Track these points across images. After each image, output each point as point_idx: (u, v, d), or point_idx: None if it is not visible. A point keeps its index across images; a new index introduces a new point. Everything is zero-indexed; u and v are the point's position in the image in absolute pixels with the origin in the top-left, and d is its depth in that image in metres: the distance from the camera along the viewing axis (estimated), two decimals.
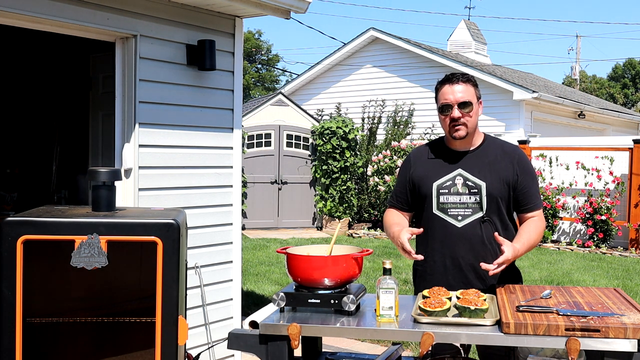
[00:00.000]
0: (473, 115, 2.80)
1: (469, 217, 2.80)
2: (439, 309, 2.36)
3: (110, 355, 2.48)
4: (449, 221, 2.82)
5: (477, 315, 2.33)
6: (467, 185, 2.80)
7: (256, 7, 4.32)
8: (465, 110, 2.78)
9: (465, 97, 2.79)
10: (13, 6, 3.35)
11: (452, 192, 2.82)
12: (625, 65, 40.43)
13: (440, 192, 2.84)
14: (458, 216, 2.81)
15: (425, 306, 2.38)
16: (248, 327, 2.53)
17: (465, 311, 2.34)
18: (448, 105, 2.80)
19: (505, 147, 2.91)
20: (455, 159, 2.87)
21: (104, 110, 5.22)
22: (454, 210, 2.81)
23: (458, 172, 2.83)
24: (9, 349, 2.08)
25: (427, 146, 3.02)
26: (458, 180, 2.82)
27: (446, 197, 2.83)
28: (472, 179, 2.81)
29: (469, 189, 2.80)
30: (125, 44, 3.98)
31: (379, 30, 16.15)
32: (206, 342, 4.36)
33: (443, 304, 2.38)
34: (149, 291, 2.20)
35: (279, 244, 11.15)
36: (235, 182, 4.64)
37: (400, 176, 3.03)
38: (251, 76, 37.24)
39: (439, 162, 2.90)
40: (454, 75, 2.87)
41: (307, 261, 2.55)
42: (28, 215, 2.17)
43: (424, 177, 2.89)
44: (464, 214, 2.80)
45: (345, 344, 5.21)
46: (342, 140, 13.48)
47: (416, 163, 2.96)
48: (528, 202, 2.84)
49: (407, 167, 2.99)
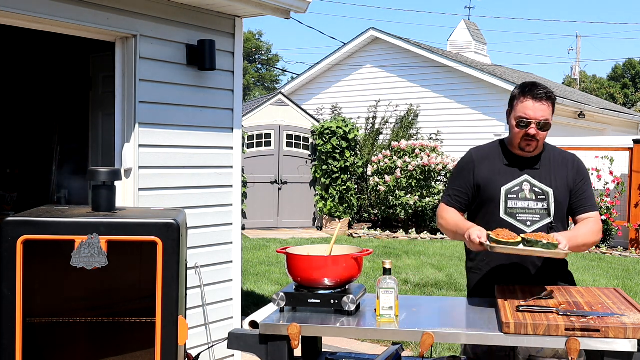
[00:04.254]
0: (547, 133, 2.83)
1: (538, 223, 2.82)
2: (512, 240, 2.46)
3: (110, 355, 2.48)
4: (517, 226, 2.81)
5: (549, 247, 2.43)
6: (535, 191, 2.83)
7: (256, 7, 4.32)
8: (542, 130, 2.79)
9: (546, 116, 2.79)
10: (13, 6, 3.35)
11: (520, 198, 2.83)
12: (625, 65, 40.42)
13: (509, 197, 2.84)
14: (527, 222, 2.82)
15: (497, 237, 2.46)
16: (248, 327, 2.53)
17: (537, 244, 2.44)
18: (527, 122, 2.78)
19: (564, 155, 2.96)
20: (521, 164, 2.88)
21: (104, 110, 5.22)
22: (522, 216, 2.82)
23: (525, 178, 2.85)
24: (9, 349, 2.08)
25: (488, 148, 3.01)
26: (525, 186, 2.84)
27: (514, 202, 2.83)
28: (539, 186, 2.84)
29: (536, 195, 2.83)
30: (125, 44, 3.98)
31: (379, 30, 16.15)
32: (206, 342, 4.36)
33: (514, 237, 2.49)
34: (149, 291, 2.19)
35: (279, 244, 11.15)
36: (235, 182, 4.64)
37: (461, 176, 2.96)
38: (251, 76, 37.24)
39: (504, 166, 2.89)
40: (538, 89, 2.81)
41: (307, 261, 2.55)
42: (28, 215, 2.17)
43: (491, 180, 2.87)
44: (532, 219, 2.82)
45: (345, 344, 5.21)
46: (342, 140, 13.48)
47: (480, 164, 2.92)
48: (584, 204, 2.88)
49: (470, 167, 2.95)
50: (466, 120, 14.79)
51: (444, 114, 15.09)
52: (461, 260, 9.85)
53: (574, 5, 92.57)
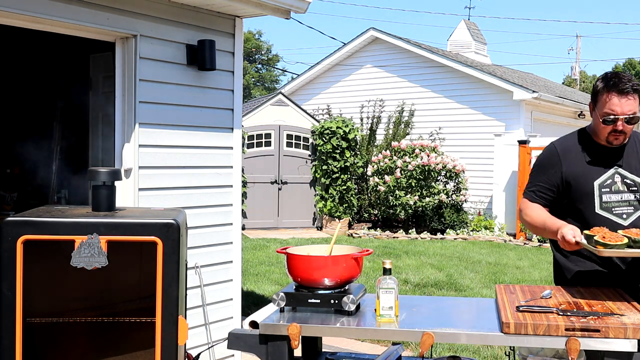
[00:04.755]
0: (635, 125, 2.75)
1: (633, 214, 2.77)
2: (619, 242, 2.40)
3: (110, 355, 2.48)
4: (615, 220, 2.75)
5: None
6: (626, 183, 2.77)
7: (256, 7, 4.32)
8: (629, 123, 2.71)
9: (634, 110, 2.69)
10: (13, 6, 3.35)
11: (613, 191, 2.77)
12: (625, 65, 40.43)
13: (603, 191, 2.77)
14: (623, 214, 2.76)
15: (603, 239, 2.41)
16: (248, 327, 2.53)
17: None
18: (614, 117, 2.70)
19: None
20: (609, 155, 2.80)
21: (104, 110, 5.22)
22: (618, 209, 2.77)
23: (615, 169, 2.78)
24: (9, 349, 2.08)
25: (571, 140, 2.93)
26: (617, 178, 2.78)
27: (609, 196, 2.77)
28: (630, 177, 2.77)
29: (628, 187, 2.77)
30: (125, 44, 3.98)
31: (379, 30, 16.15)
32: (206, 342, 4.36)
33: (621, 239, 2.43)
34: (149, 291, 2.19)
35: (279, 244, 11.15)
36: (235, 182, 4.64)
37: (545, 171, 2.88)
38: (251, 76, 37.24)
39: (592, 158, 2.81)
40: (624, 82, 2.69)
41: (307, 261, 2.55)
42: (28, 215, 2.17)
43: (582, 175, 2.80)
44: (627, 212, 2.77)
45: (345, 344, 5.21)
46: (342, 140, 13.48)
47: (567, 159, 2.85)
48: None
49: (556, 162, 2.86)
50: (466, 120, 14.78)
51: (444, 114, 15.08)
52: (461, 260, 9.86)
53: (574, 5, 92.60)
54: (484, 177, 14.02)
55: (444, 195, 12.99)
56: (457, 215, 13.09)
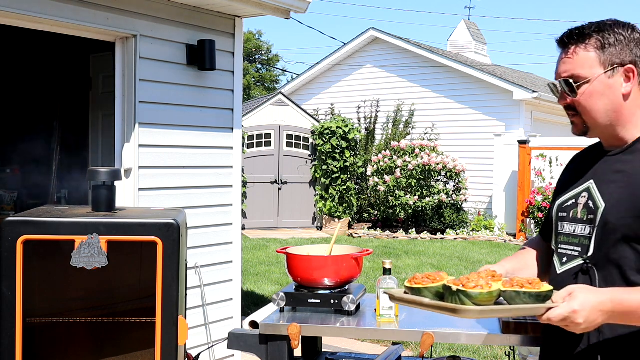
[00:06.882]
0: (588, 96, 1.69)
1: (572, 261, 1.76)
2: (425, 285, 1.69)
3: (110, 355, 2.48)
4: (555, 264, 1.83)
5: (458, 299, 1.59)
6: (588, 207, 1.73)
7: (256, 7, 4.32)
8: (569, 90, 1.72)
9: (570, 69, 1.71)
10: (13, 6, 3.35)
11: (570, 218, 1.78)
12: None
13: (560, 216, 1.83)
14: (564, 257, 1.79)
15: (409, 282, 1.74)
16: (248, 327, 2.53)
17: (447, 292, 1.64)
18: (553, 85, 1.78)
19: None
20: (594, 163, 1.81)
21: (104, 110, 5.23)
22: (564, 247, 1.80)
23: (589, 184, 1.76)
24: (9, 349, 2.08)
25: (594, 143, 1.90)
26: (582, 199, 1.76)
27: (562, 225, 1.81)
28: (595, 198, 1.72)
29: (588, 213, 1.72)
30: (125, 44, 3.98)
31: (379, 30, 16.15)
32: (206, 342, 4.36)
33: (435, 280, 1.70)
34: (149, 291, 2.19)
35: (279, 244, 11.15)
36: (235, 182, 4.64)
37: None
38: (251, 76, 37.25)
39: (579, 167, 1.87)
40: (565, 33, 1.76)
41: (307, 261, 2.55)
42: (28, 215, 2.17)
43: (556, 191, 1.92)
44: (570, 253, 1.77)
45: (345, 344, 5.21)
46: (342, 140, 13.48)
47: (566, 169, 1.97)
48: None
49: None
50: (466, 120, 14.79)
51: (444, 114, 15.09)
52: (461, 260, 9.86)
53: (574, 5, 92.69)
54: (484, 177, 14.02)
55: (444, 195, 12.99)
56: (457, 215, 13.10)
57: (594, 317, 1.51)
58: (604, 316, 1.52)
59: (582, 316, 1.50)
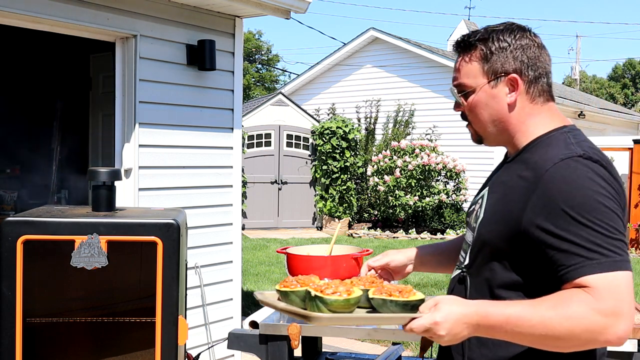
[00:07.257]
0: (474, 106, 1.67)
1: (458, 267, 1.74)
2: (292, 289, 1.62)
3: (110, 355, 2.48)
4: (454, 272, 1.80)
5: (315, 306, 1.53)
6: (477, 216, 1.69)
7: (256, 7, 4.32)
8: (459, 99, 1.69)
9: (458, 77, 1.68)
10: (13, 6, 3.35)
11: (469, 224, 1.74)
12: (625, 65, 40.44)
13: (466, 221, 1.80)
14: (457, 262, 1.78)
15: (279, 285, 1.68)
16: (248, 327, 2.53)
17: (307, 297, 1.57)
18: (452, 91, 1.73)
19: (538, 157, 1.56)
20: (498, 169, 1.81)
21: (104, 110, 5.23)
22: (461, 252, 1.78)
23: (483, 192, 1.74)
24: (9, 349, 2.08)
25: None
26: (477, 206, 1.73)
27: (466, 230, 1.78)
28: (483, 207, 1.67)
29: (474, 222, 1.69)
30: (125, 44, 3.98)
31: (379, 30, 16.16)
32: (206, 342, 4.36)
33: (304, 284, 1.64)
34: (149, 291, 2.19)
35: (279, 244, 11.15)
36: (235, 182, 4.64)
37: None
38: (251, 76, 37.24)
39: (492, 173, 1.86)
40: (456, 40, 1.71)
41: (307, 261, 2.54)
42: (28, 215, 2.17)
43: None
44: (460, 260, 1.75)
45: (345, 344, 5.21)
46: (342, 140, 13.49)
47: None
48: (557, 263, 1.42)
49: None
50: None
51: (444, 114, 15.07)
52: None
53: (574, 5, 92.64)
54: (484, 177, 13.78)
55: (444, 195, 12.99)
56: (457, 215, 13.10)
57: (457, 330, 1.43)
58: (469, 329, 1.44)
59: (444, 328, 1.42)
